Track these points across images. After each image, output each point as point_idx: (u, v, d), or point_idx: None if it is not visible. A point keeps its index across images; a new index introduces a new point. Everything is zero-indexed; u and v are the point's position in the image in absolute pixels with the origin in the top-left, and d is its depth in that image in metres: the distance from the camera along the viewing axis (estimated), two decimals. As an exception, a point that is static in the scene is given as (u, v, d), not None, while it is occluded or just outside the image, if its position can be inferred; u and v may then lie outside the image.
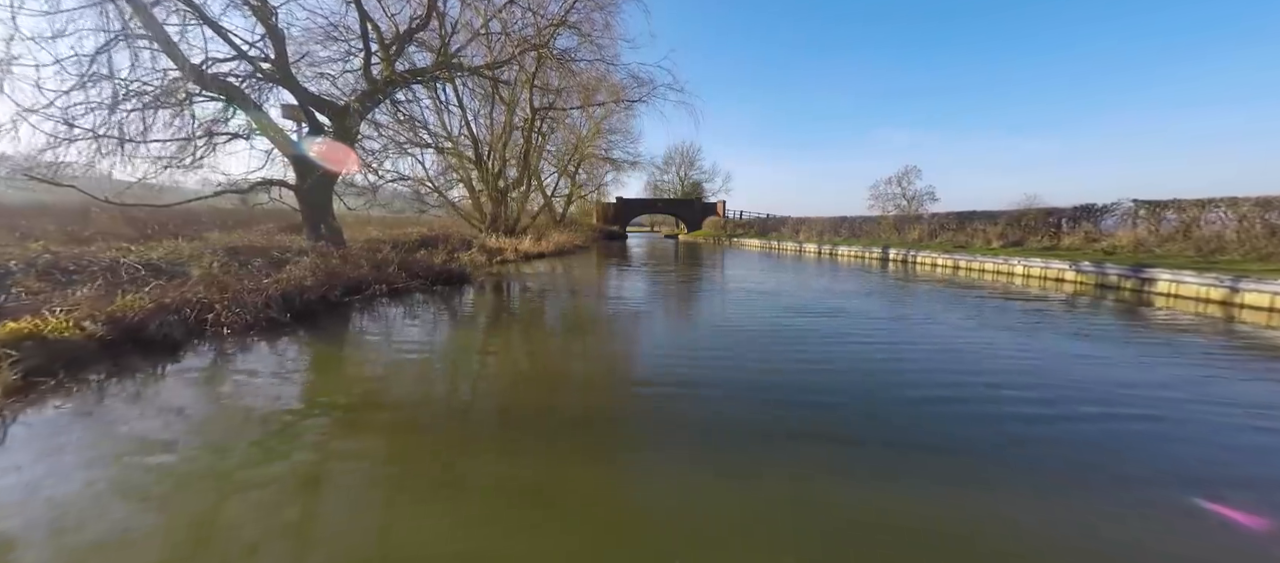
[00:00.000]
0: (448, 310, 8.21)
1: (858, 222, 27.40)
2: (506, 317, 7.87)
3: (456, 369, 5.15)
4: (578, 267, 17.50)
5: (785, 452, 3.21)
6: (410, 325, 7.07)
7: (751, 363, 5.26)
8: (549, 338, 6.68)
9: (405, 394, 4.36)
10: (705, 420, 3.74)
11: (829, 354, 5.70)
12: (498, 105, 22.33)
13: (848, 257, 21.79)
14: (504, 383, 4.74)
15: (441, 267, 10.89)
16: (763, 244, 30.86)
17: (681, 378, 4.78)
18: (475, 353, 5.73)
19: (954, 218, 21.08)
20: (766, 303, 9.31)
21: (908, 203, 56.91)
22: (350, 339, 6.09)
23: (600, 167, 40.05)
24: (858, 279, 13.50)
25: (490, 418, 3.88)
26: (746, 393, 4.35)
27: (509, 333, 6.72)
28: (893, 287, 11.94)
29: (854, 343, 6.22)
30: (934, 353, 5.77)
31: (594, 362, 5.58)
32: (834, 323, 7.36)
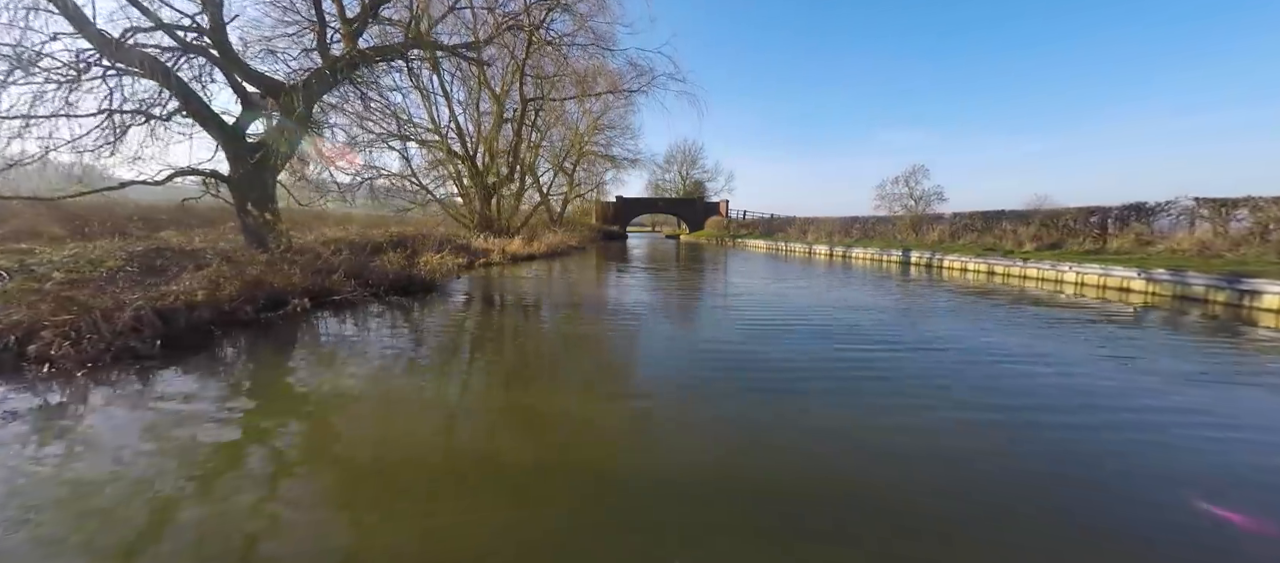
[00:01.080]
0: (390, 331, 6.55)
1: (871, 222, 25.66)
2: (458, 343, 6.20)
3: (353, 437, 3.47)
4: (569, 271, 15.84)
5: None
6: (320, 356, 5.39)
7: (768, 437, 3.57)
8: (502, 379, 5.00)
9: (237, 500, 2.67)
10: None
11: (898, 430, 3.99)
12: (486, 97, 20.69)
13: (863, 260, 20.07)
14: (425, 452, 3.07)
15: (399, 274, 9.22)
16: (769, 246, 29.15)
17: (669, 469, 3.10)
18: (393, 405, 4.06)
19: (979, 218, 19.34)
20: (782, 321, 7.63)
21: (915, 203, 55.31)
22: (213, 384, 4.40)
23: (599, 164, 38.39)
24: (882, 288, 11.79)
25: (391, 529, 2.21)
26: (768, 504, 2.67)
27: (448, 372, 5.04)
28: (927, 297, 10.24)
29: (934, 403, 4.52)
30: (1064, 425, 4.06)
31: (554, 422, 3.91)
32: (888, 358, 5.65)
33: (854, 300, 9.59)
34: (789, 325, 7.14)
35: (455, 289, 10.26)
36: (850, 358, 5.46)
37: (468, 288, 10.59)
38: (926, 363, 5.26)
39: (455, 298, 9.21)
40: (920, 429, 3.55)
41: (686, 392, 4.43)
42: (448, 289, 10.10)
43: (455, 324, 7.10)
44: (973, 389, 4.46)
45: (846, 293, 10.72)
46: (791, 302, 9.43)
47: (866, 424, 3.63)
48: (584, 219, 44.09)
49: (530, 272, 14.93)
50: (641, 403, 4.15)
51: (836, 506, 2.55)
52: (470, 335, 6.51)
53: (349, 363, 4.98)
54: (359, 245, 11.38)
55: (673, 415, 3.88)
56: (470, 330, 6.78)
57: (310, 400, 4.03)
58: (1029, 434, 3.53)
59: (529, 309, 8.43)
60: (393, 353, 5.38)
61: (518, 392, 4.48)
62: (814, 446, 3.27)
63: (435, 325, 6.92)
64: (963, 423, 3.67)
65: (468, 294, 9.74)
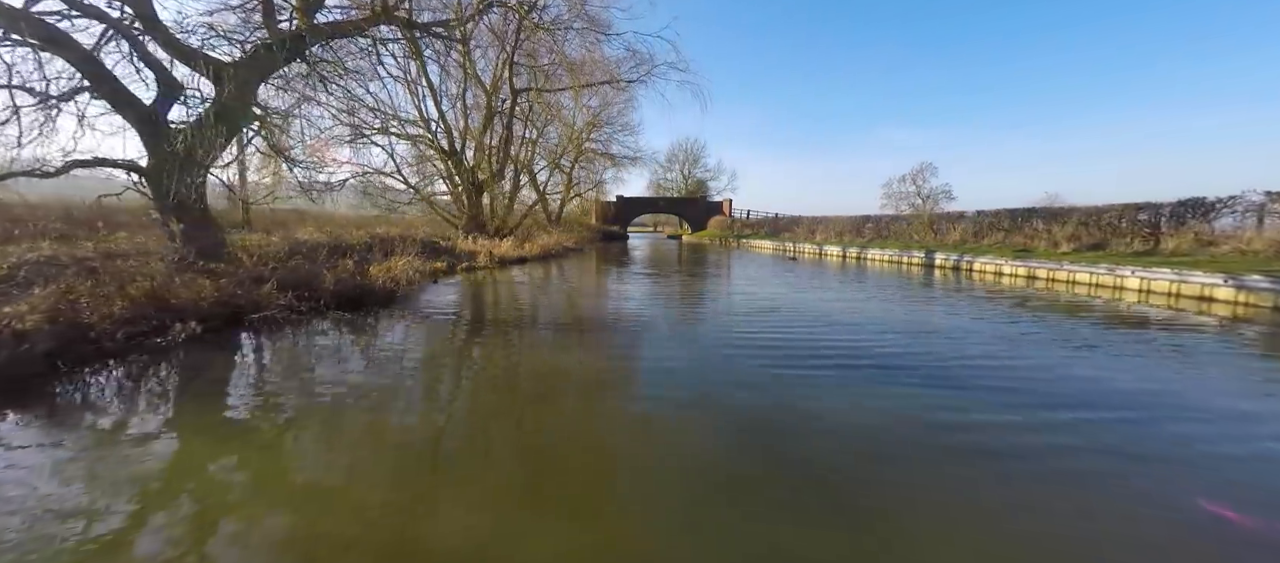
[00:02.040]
0: (310, 364, 5.01)
1: (884, 221, 24.06)
2: (392, 383, 4.66)
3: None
4: (560, 276, 14.30)
5: None
6: (162, 414, 3.85)
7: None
8: (423, 462, 3.46)
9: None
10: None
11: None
12: (474, 89, 19.16)
13: (881, 262, 18.47)
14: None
15: (347, 284, 7.68)
16: (775, 246, 27.56)
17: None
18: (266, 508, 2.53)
19: (1006, 216, 17.73)
20: (826, 350, 6.08)
21: (923, 202, 53.67)
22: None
23: (598, 163, 36.83)
24: (920, 299, 10.22)
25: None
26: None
27: (340, 447, 3.50)
28: (981, 311, 8.67)
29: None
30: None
31: (506, 507, 2.36)
32: (1019, 429, 4.08)
33: (903, 319, 8.01)
34: (842, 359, 5.56)
35: (423, 301, 8.72)
36: (954, 425, 3.87)
37: (438, 299, 9.05)
38: (1082, 441, 3.42)
39: (416, 313, 7.66)
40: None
41: (710, 499, 2.87)
42: (412, 301, 8.56)
43: (392, 354, 5.55)
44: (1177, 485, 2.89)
45: (890, 308, 9.15)
46: (825, 317, 7.86)
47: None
48: (583, 219, 42.58)
49: (518, 277, 13.40)
50: (642, 520, 2.60)
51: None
52: (408, 375, 4.96)
53: (197, 423, 3.43)
54: (314, 250, 9.85)
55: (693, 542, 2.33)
56: (410, 366, 5.21)
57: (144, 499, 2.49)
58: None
59: (500, 331, 6.87)
60: (270, 405, 3.84)
61: (449, 498, 2.92)
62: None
63: (369, 356, 5.37)
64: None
65: (433, 308, 8.19)
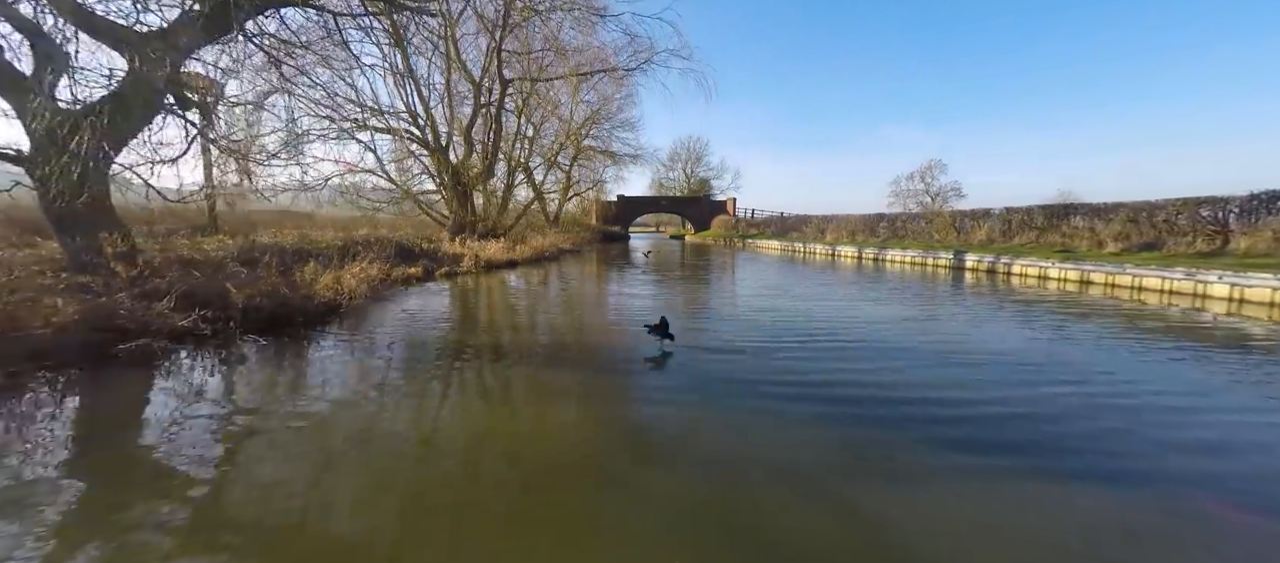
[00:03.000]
0: (154, 420, 3.52)
1: (900, 219, 22.47)
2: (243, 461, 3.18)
3: None
4: (550, 283, 12.82)
5: None
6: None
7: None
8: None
9: None
10: None
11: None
12: (461, 79, 17.68)
13: (902, 264, 16.88)
14: None
15: (272, 298, 6.20)
16: (783, 247, 26.00)
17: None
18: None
19: (1039, 212, 16.13)
20: (868, 383, 4.56)
21: (932, 200, 51.96)
22: None
23: (598, 161, 35.35)
24: (969, 309, 8.68)
25: None
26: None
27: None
28: (1062, 328, 7.12)
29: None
30: None
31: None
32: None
33: (967, 341, 6.45)
34: (926, 419, 4.03)
35: (376, 315, 7.24)
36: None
37: (396, 312, 7.56)
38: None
39: (358, 332, 6.16)
40: None
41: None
42: (362, 315, 7.08)
43: (282, 397, 4.05)
44: None
45: (945, 325, 7.61)
46: (876, 342, 6.33)
47: None
48: (583, 219, 41.13)
49: (503, 284, 11.92)
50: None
51: None
52: (319, 424, 3.46)
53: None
54: (255, 256, 8.40)
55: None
56: (294, 426, 3.72)
57: None
58: None
59: (454, 361, 5.35)
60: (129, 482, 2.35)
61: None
62: None
63: (242, 405, 3.88)
64: None
65: (382, 326, 6.68)
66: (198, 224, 14.84)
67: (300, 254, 10.41)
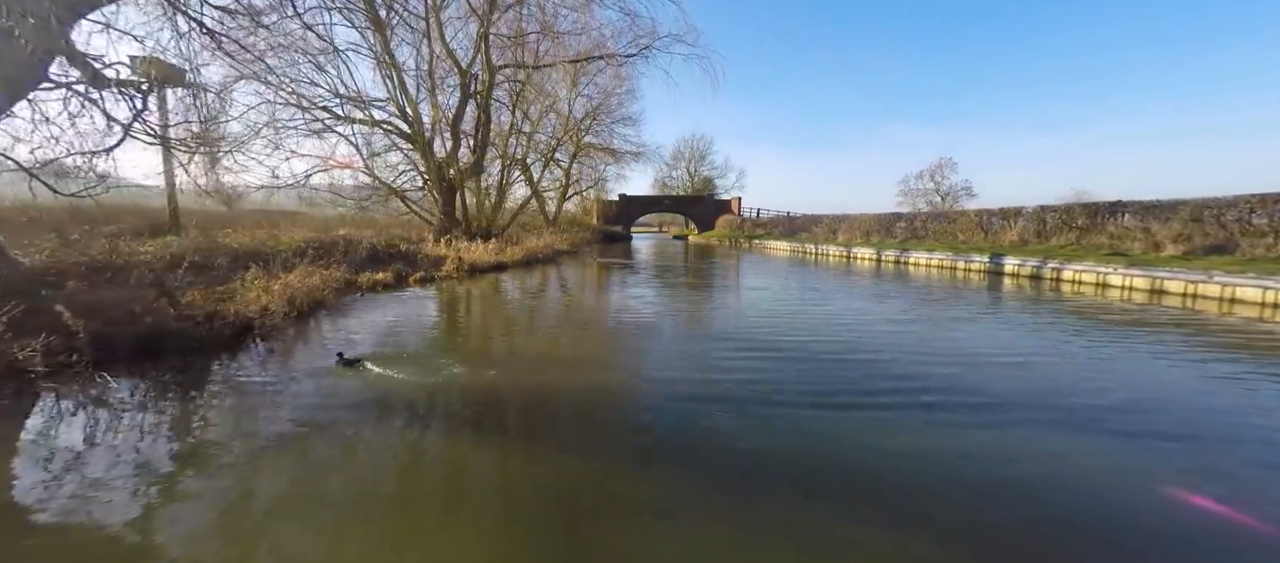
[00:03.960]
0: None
1: (920, 219, 20.86)
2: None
3: None
4: (538, 287, 11.34)
5: None
6: None
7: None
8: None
9: None
10: None
11: None
12: (448, 66, 16.17)
13: (929, 268, 15.30)
14: None
15: (131, 323, 4.71)
16: (793, 248, 24.43)
17: None
18: None
19: (1080, 211, 14.51)
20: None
21: (941, 199, 50.15)
22: None
23: (598, 158, 33.84)
24: (1051, 329, 7.15)
25: None
26: None
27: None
28: (1187, 356, 5.58)
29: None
30: None
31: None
32: None
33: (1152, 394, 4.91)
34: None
35: (307, 337, 5.76)
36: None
37: (334, 333, 6.08)
38: None
39: (258, 368, 4.67)
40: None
41: None
42: (282, 340, 5.59)
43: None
44: None
45: (1033, 349, 6.07)
46: (969, 385, 4.80)
47: None
48: (584, 219, 39.65)
49: (485, 290, 10.44)
50: None
51: None
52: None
53: None
54: (178, 260, 6.94)
55: None
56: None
57: None
58: None
59: (369, 424, 3.87)
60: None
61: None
62: None
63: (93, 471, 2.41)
64: None
65: (306, 356, 5.20)
66: (155, 223, 13.45)
67: (248, 258, 8.98)
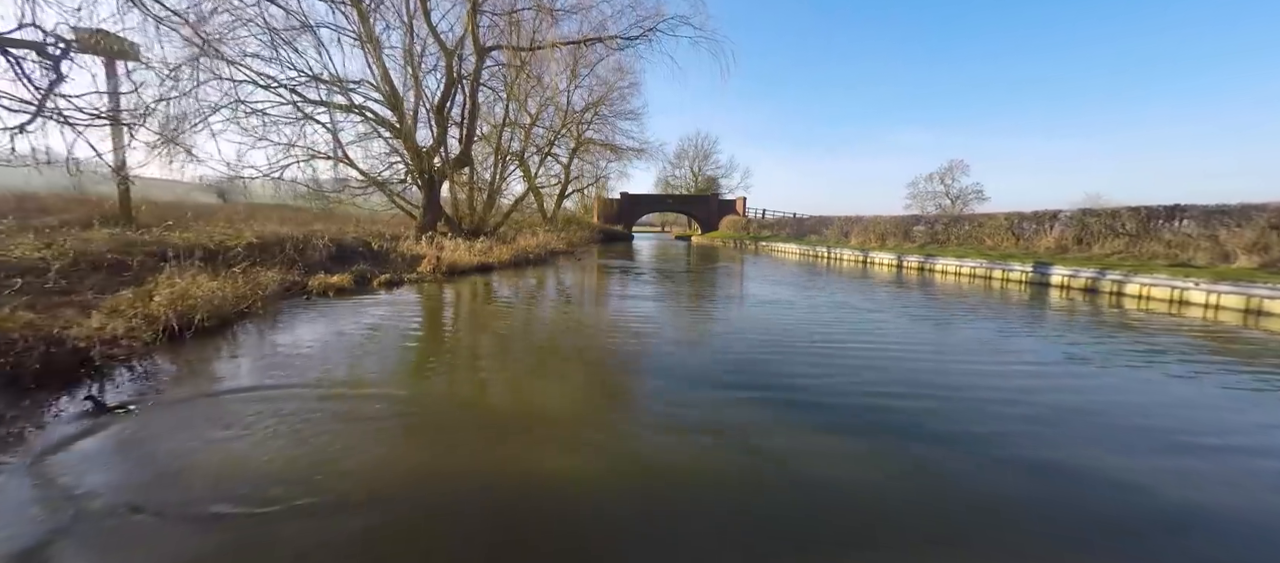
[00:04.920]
0: None
1: (943, 221, 19.30)
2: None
3: None
4: (517, 295, 9.88)
5: None
6: None
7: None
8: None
9: None
10: None
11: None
12: (431, 46, 14.71)
13: (958, 276, 13.77)
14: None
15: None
16: (802, 251, 22.91)
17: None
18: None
19: (1129, 215, 12.95)
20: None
21: (951, 202, 48.47)
22: None
23: (599, 154, 32.37)
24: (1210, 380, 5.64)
25: None
26: None
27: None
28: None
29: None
30: None
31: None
32: None
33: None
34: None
35: (177, 368, 4.31)
36: None
37: (215, 356, 4.64)
38: None
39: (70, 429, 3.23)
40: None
41: None
42: (145, 365, 4.15)
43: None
44: None
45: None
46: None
47: None
48: (584, 217, 38.19)
49: (453, 299, 8.98)
50: None
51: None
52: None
53: None
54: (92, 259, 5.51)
55: None
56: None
57: None
58: None
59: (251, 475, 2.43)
60: None
61: None
62: None
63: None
64: None
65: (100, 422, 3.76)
66: (108, 213, 12.04)
67: (187, 257, 7.55)
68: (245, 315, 6.18)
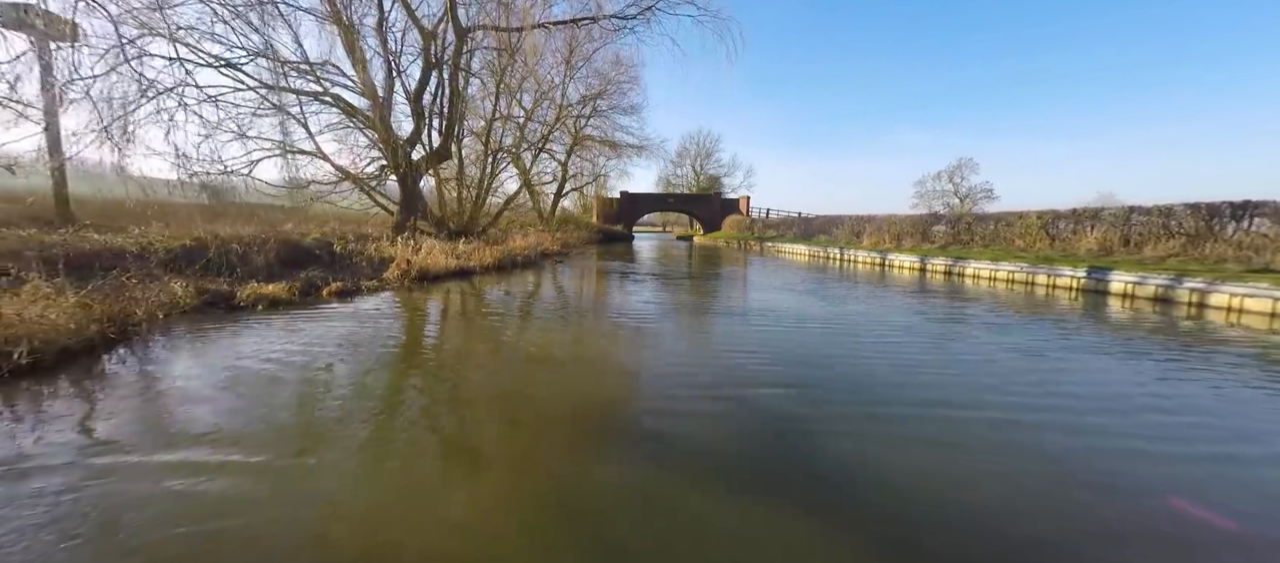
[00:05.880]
0: None
1: (964, 221, 17.74)
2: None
3: None
4: (490, 308, 8.42)
5: None
6: None
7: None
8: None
9: None
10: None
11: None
12: (407, 25, 13.23)
13: (992, 281, 12.25)
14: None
15: None
16: (812, 252, 21.39)
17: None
18: None
19: (1187, 214, 11.40)
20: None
21: (960, 201, 46.72)
22: None
23: (598, 150, 30.89)
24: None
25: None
26: None
27: None
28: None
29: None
30: None
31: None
32: None
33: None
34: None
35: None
36: None
37: (49, 401, 3.21)
38: None
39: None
40: None
41: None
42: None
43: None
44: None
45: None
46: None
47: None
48: (583, 217, 36.72)
49: (412, 313, 7.51)
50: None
51: None
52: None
53: None
54: None
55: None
56: None
57: None
58: None
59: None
60: None
61: None
62: None
63: None
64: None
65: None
66: (40, 215, 10.62)
67: (101, 261, 6.15)
68: (118, 341, 4.73)
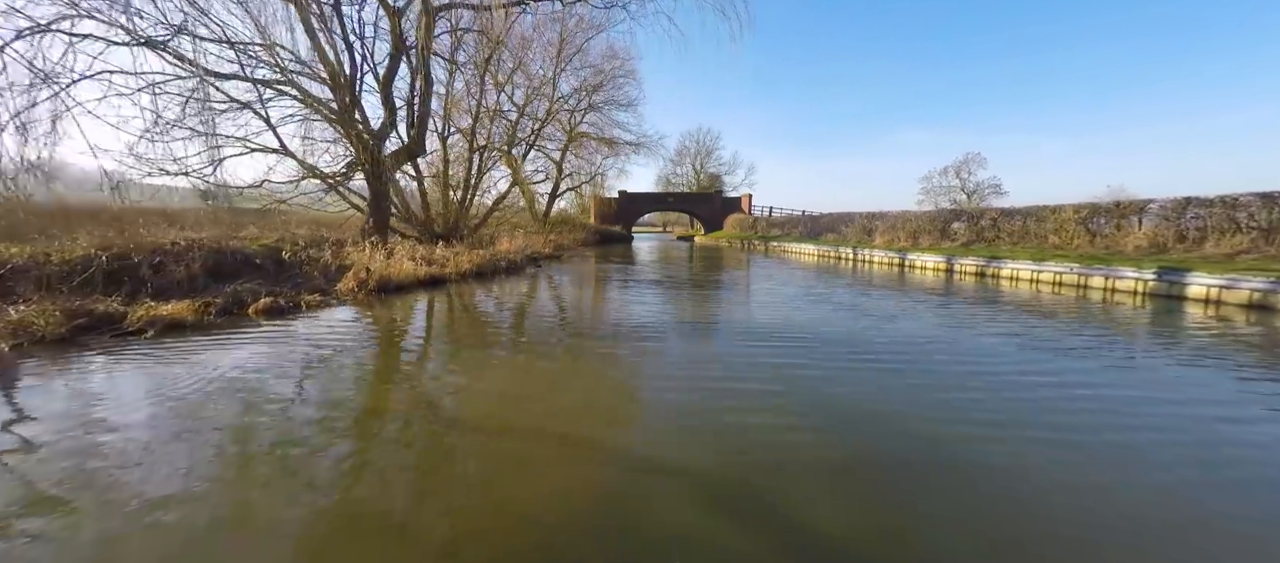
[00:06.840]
0: None
1: (990, 215, 16.22)
2: None
3: None
4: (450, 330, 6.96)
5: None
6: None
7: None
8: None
9: None
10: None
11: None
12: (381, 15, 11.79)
13: (1035, 284, 10.74)
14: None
15: None
16: (820, 253, 19.90)
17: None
18: None
19: (1259, 206, 9.91)
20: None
21: (968, 197, 45.05)
22: None
23: (594, 148, 29.44)
24: None
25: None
26: None
27: None
28: None
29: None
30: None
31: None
32: None
33: None
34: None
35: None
36: None
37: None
38: None
39: None
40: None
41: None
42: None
43: None
44: None
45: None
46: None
47: None
48: (581, 217, 35.27)
49: (341, 339, 6.05)
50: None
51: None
52: None
53: None
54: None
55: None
56: None
57: None
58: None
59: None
60: None
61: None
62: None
63: None
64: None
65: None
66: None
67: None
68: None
